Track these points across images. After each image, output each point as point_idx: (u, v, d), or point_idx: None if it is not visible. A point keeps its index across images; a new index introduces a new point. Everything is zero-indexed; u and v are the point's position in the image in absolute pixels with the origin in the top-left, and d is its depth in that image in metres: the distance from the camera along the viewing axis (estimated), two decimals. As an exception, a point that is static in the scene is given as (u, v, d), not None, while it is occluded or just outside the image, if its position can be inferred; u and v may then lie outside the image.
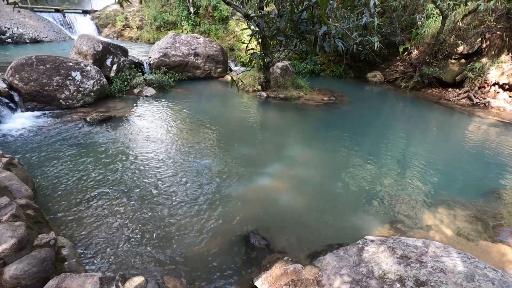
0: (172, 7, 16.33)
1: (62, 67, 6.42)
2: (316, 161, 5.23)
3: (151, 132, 5.67)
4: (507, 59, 9.37)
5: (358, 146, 5.82)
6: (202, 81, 10.01)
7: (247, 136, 6.13)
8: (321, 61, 12.90)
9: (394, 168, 5.03)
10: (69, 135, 5.27)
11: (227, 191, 4.03)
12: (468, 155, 5.81)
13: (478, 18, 9.92)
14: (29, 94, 6.06)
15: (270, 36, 3.40)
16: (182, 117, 6.64)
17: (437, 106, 9.05)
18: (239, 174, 4.50)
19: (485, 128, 7.40)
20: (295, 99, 8.63)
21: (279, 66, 9.31)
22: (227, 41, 14.37)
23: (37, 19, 13.90)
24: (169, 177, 4.25)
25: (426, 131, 7.15)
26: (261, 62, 3.46)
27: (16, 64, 6.07)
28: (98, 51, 7.48)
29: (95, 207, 3.50)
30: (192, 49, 9.81)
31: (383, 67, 12.27)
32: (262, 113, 7.75)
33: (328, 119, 7.54)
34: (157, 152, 4.93)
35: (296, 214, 3.70)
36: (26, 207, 2.82)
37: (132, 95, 7.79)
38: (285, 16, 3.05)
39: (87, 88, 6.65)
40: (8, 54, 10.03)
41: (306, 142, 6.08)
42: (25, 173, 3.71)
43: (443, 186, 4.54)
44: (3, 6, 13.16)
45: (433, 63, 10.29)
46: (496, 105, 9.06)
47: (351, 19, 3.41)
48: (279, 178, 4.53)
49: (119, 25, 16.69)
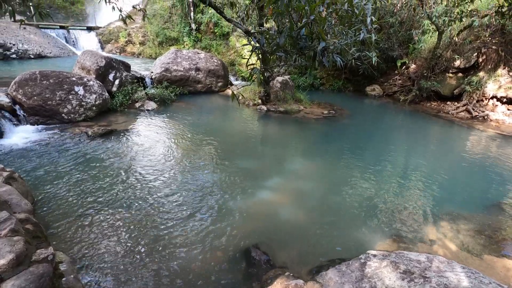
0: (174, 24, 16.74)
1: (66, 82, 6.52)
2: (317, 174, 5.22)
3: (151, 146, 5.69)
4: (504, 73, 9.51)
5: (358, 159, 5.82)
6: (203, 95, 10.12)
7: (248, 149, 6.14)
8: (321, 75, 13.09)
9: (395, 181, 5.01)
10: (70, 149, 5.29)
11: (227, 205, 4.00)
12: (469, 168, 5.80)
13: (474, 34, 10.14)
14: (32, 109, 6.13)
15: (270, 51, 3.48)
16: (182, 130, 6.68)
17: (436, 119, 9.11)
18: (239, 187, 4.48)
19: (485, 140, 7.42)
20: (295, 113, 8.70)
21: (279, 80, 9.44)
22: (228, 56, 14.64)
23: (42, 35, 14.23)
24: (169, 191, 4.23)
25: (426, 144, 7.16)
26: (261, 77, 3.52)
27: (20, 79, 6.17)
28: (101, 66, 7.61)
29: (95, 221, 3.47)
30: (193, 64, 9.98)
31: (382, 81, 12.43)
32: (263, 127, 7.79)
33: (328, 133, 7.58)
34: (157, 166, 4.93)
35: (297, 228, 3.66)
36: (25, 222, 2.80)
37: (134, 109, 7.86)
38: (284, 33, 3.13)
39: (89, 102, 6.73)
40: (12, 70, 10.21)
41: (307, 155, 6.09)
42: (25, 187, 3.71)
43: (445, 199, 4.50)
44: (10, 23, 13.51)
45: (431, 77, 10.44)
46: (495, 118, 9.11)
47: (349, 35, 3.50)
48: (279, 192, 4.51)
49: (122, 41, 17.05)
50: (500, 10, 8.86)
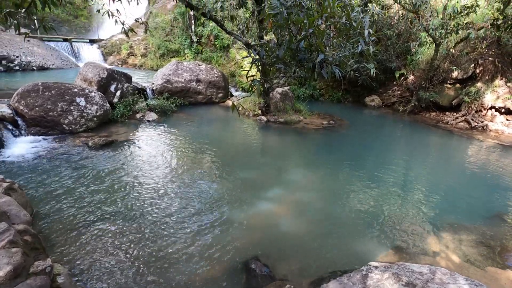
0: (175, 36, 17.04)
1: (67, 93, 6.58)
2: (317, 185, 5.21)
3: (151, 157, 5.70)
4: (501, 84, 9.61)
5: (359, 169, 5.82)
6: (204, 106, 10.20)
7: (248, 160, 6.14)
8: (320, 86, 13.22)
9: (396, 192, 4.99)
10: (70, 159, 5.30)
11: (227, 216, 3.98)
12: (470, 178, 5.78)
13: (470, 45, 10.30)
14: (33, 120, 6.17)
15: (269, 63, 3.54)
16: (183, 141, 6.70)
17: (436, 130, 9.14)
18: (239, 198, 4.46)
19: (485, 151, 7.43)
20: (295, 123, 8.75)
21: (278, 91, 9.53)
22: (228, 67, 14.84)
23: (45, 48, 14.46)
24: (168, 202, 4.22)
25: (427, 154, 7.17)
26: (261, 88, 3.56)
27: (23, 90, 6.24)
28: (102, 78, 7.71)
29: (93, 233, 3.44)
30: (194, 75, 10.10)
31: (381, 92, 12.55)
32: (263, 137, 7.82)
33: (328, 143, 7.60)
34: (157, 177, 4.92)
35: (298, 239, 3.63)
36: (24, 233, 2.78)
37: (134, 120, 7.91)
38: (284, 45, 3.19)
39: (91, 113, 6.78)
40: (15, 81, 10.33)
41: (307, 165, 6.09)
42: (24, 198, 3.69)
43: (446, 210, 4.48)
44: (14, 36, 13.76)
45: (429, 87, 10.54)
46: (494, 128, 9.15)
47: (347, 47, 3.56)
48: (280, 203, 4.49)
49: (124, 53, 17.31)
50: (495, 23, 9.06)
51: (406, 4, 9.54)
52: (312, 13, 3.27)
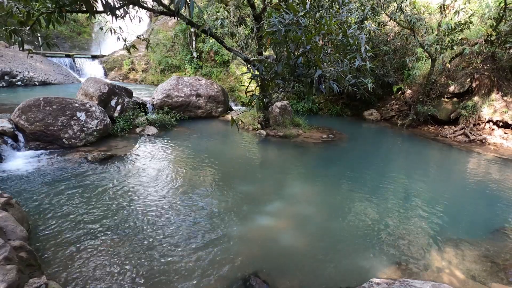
0: (176, 52, 17.37)
1: (68, 107, 6.64)
2: (317, 199, 5.17)
3: (150, 171, 5.68)
4: (498, 98, 9.73)
5: (358, 183, 5.79)
6: (203, 120, 10.27)
7: (247, 174, 6.12)
8: (319, 101, 13.36)
9: (397, 206, 4.95)
10: (69, 174, 5.28)
11: (226, 231, 3.92)
12: (471, 192, 5.75)
13: (466, 60, 10.50)
14: (33, 134, 6.19)
15: (268, 79, 3.60)
16: (182, 155, 6.70)
17: (435, 143, 9.17)
18: (239, 212, 4.42)
19: (485, 164, 7.42)
20: (294, 137, 8.78)
21: (278, 105, 9.62)
22: (228, 82, 15.04)
23: (47, 63, 14.70)
24: (166, 217, 4.17)
25: (427, 168, 7.16)
26: (260, 103, 3.60)
27: (24, 105, 6.30)
28: (103, 93, 7.80)
29: (91, 250, 3.38)
30: (194, 90, 10.23)
31: (379, 106, 12.67)
32: (262, 151, 7.83)
33: (328, 157, 7.60)
34: (155, 192, 4.89)
35: (298, 255, 3.57)
36: (20, 249, 2.73)
37: (134, 134, 7.94)
38: (282, 61, 3.26)
39: (91, 127, 6.82)
40: (17, 96, 10.43)
41: (306, 179, 6.06)
42: (21, 213, 3.66)
43: (448, 224, 4.43)
44: (17, 52, 14.01)
45: (426, 101, 10.66)
46: (493, 142, 9.18)
47: (344, 63, 3.64)
48: (279, 217, 4.44)
49: (126, 68, 17.59)
50: (489, 39, 9.27)
51: (401, 21, 9.79)
52: (310, 30, 3.36)
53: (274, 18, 3.23)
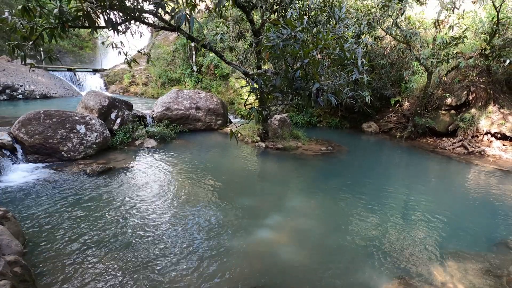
0: (176, 66, 17.61)
1: (68, 120, 6.67)
2: (317, 211, 5.12)
3: (149, 184, 5.65)
4: (495, 110, 9.82)
5: (358, 195, 5.75)
6: (203, 133, 10.30)
7: (247, 187, 6.09)
8: (317, 113, 13.46)
9: (398, 219, 4.90)
10: (67, 187, 5.24)
11: (226, 245, 3.86)
12: (471, 205, 5.71)
13: (461, 73, 10.67)
14: (32, 147, 6.19)
15: (267, 92, 3.64)
16: (181, 168, 6.68)
17: (434, 155, 9.18)
18: (238, 226, 4.37)
19: (485, 176, 7.41)
20: (293, 149, 8.79)
21: (277, 118, 9.68)
22: (228, 95, 15.18)
23: (49, 77, 14.87)
24: (165, 231, 4.12)
25: (426, 180, 7.13)
26: (259, 115, 3.63)
27: (24, 118, 6.32)
28: (104, 106, 7.85)
29: (86, 265, 3.32)
30: (193, 103, 10.31)
31: (378, 118, 12.75)
32: (261, 164, 7.81)
33: (327, 169, 7.58)
34: (153, 205, 4.85)
35: (298, 269, 3.50)
36: (14, 264, 2.68)
37: (134, 147, 7.94)
38: (280, 74, 3.31)
39: (90, 140, 6.82)
40: (16, 109, 10.49)
41: (306, 192, 6.03)
42: (17, 227, 3.60)
43: (449, 237, 4.38)
44: (19, 66, 14.19)
45: (424, 114, 10.74)
46: (491, 153, 9.20)
47: (342, 76, 3.69)
48: (280, 230, 4.38)
49: (126, 81, 17.79)
50: (484, 53, 9.45)
51: (397, 36, 10.00)
52: (307, 44, 3.43)
53: (273, 33, 3.30)
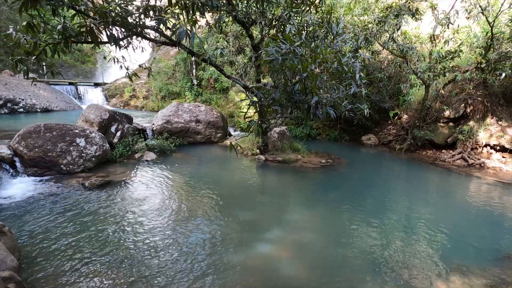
0: (177, 80, 17.84)
1: (68, 134, 6.68)
2: (318, 225, 5.06)
3: (147, 198, 5.60)
4: (493, 122, 9.88)
5: (359, 208, 5.70)
6: (202, 145, 10.31)
7: (247, 200, 6.04)
8: (317, 126, 13.52)
9: (399, 232, 4.84)
10: (65, 201, 5.20)
11: (226, 260, 3.79)
12: (473, 218, 5.65)
13: (458, 87, 10.80)
14: (32, 160, 6.17)
15: (266, 105, 3.67)
16: (180, 181, 6.65)
17: (434, 167, 9.16)
18: (238, 240, 4.30)
19: (486, 188, 7.37)
20: (293, 162, 8.77)
21: (276, 131, 9.72)
22: (227, 108, 15.30)
23: (50, 91, 15.02)
24: (164, 246, 4.05)
25: (427, 193, 7.09)
26: (258, 129, 3.65)
27: (24, 131, 6.34)
28: (104, 119, 7.89)
29: (83, 281, 3.25)
30: (193, 116, 10.37)
31: (377, 131, 12.81)
32: (261, 176, 7.78)
33: (327, 181, 7.54)
34: (152, 219, 4.79)
35: (299, 284, 3.43)
36: (9, 280, 2.62)
37: (133, 160, 7.92)
38: (280, 88, 3.35)
39: (89, 153, 6.82)
40: (18, 122, 10.53)
41: (306, 205, 5.97)
42: (13, 241, 3.55)
43: (452, 251, 4.31)
44: (21, 80, 14.36)
45: (423, 126, 10.80)
46: (491, 166, 9.18)
47: (340, 89, 3.74)
48: (280, 244, 4.32)
49: (127, 95, 17.96)
50: (479, 66, 9.60)
51: (394, 50, 10.19)
52: (306, 59, 3.49)
53: (272, 47, 3.37)
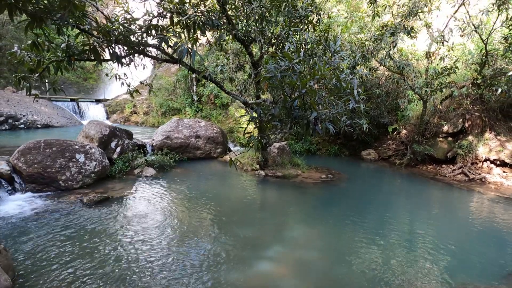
0: (177, 96, 18.06)
1: (68, 149, 6.69)
2: (319, 242, 4.97)
3: (146, 215, 5.53)
4: (492, 137, 9.92)
5: (361, 225, 5.62)
6: (202, 161, 10.29)
7: (246, 216, 5.96)
8: (316, 141, 13.56)
9: (402, 249, 4.75)
10: (62, 218, 5.12)
11: (225, 279, 3.70)
12: (478, 234, 5.56)
13: (456, 102, 10.92)
14: (30, 176, 6.14)
15: (266, 120, 3.70)
16: (180, 197, 6.59)
17: (435, 182, 9.11)
18: (237, 258, 4.21)
19: (488, 204, 7.30)
20: (293, 177, 8.73)
21: (276, 146, 9.74)
22: (227, 124, 15.39)
23: (51, 107, 15.16)
24: (162, 265, 3.96)
25: (429, 208, 7.01)
26: (258, 144, 3.67)
27: (24, 147, 6.34)
28: (104, 135, 7.92)
29: (77, 300, 3.15)
30: (193, 131, 10.42)
31: (376, 146, 12.83)
32: (261, 192, 7.72)
33: (328, 197, 7.48)
34: (150, 237, 4.71)
35: (301, 305, 3.32)
36: (1, 302, 2.54)
37: (132, 176, 7.88)
38: (279, 104, 3.38)
39: (89, 169, 6.79)
40: (17, 138, 10.55)
41: (307, 221, 5.89)
42: (7, 260, 3.47)
43: (457, 268, 4.21)
44: (23, 96, 14.52)
45: (422, 141, 10.83)
46: (493, 180, 9.14)
47: (339, 105, 3.78)
48: (280, 262, 4.22)
49: (128, 111, 18.11)
50: (476, 82, 9.75)
51: (391, 67, 10.38)
52: (304, 75, 3.55)
53: (271, 65, 3.43)
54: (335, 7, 13.93)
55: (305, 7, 6.80)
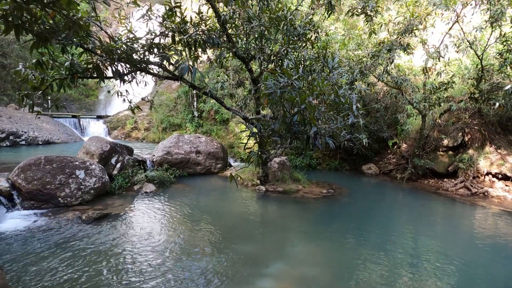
0: (178, 112, 18.22)
1: (68, 166, 6.68)
2: (321, 258, 4.87)
3: (145, 231, 5.46)
4: (492, 150, 9.92)
5: (363, 240, 5.53)
6: (202, 176, 10.24)
7: (247, 232, 5.88)
8: (317, 156, 13.54)
9: (406, 266, 4.64)
10: (60, 236, 5.05)
11: (224, 298, 3.60)
12: (483, 249, 5.46)
13: (454, 116, 11.00)
14: (29, 193, 6.10)
15: (266, 136, 3.72)
16: (179, 214, 6.52)
17: (437, 197, 9.02)
18: (238, 275, 4.11)
19: (492, 218, 7.20)
20: (293, 192, 8.66)
21: (276, 161, 9.72)
22: (227, 139, 15.44)
23: (53, 123, 15.27)
24: (162, 282, 3.87)
25: (433, 223, 6.91)
26: (258, 159, 3.68)
27: (24, 164, 6.34)
28: (105, 151, 7.93)
29: (73, 321, 3.06)
30: (194, 147, 10.44)
31: (377, 160, 12.81)
32: (262, 207, 7.64)
33: (329, 212, 7.39)
34: (150, 254, 4.63)
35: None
36: (-6, 323, 2.47)
37: (132, 192, 7.83)
38: (279, 119, 3.42)
39: (88, 185, 6.76)
40: (17, 155, 10.56)
41: (308, 237, 5.80)
42: (3, 279, 3.39)
43: (465, 285, 4.10)
44: (25, 113, 14.66)
45: (422, 155, 10.82)
46: (495, 194, 9.06)
47: (338, 120, 3.81)
48: (281, 279, 4.12)
49: (129, 127, 18.23)
50: (473, 96, 9.86)
51: (388, 82, 10.53)
52: (304, 91, 3.60)
53: (270, 81, 3.49)
54: (333, 25, 14.31)
55: (303, 25, 6.99)
